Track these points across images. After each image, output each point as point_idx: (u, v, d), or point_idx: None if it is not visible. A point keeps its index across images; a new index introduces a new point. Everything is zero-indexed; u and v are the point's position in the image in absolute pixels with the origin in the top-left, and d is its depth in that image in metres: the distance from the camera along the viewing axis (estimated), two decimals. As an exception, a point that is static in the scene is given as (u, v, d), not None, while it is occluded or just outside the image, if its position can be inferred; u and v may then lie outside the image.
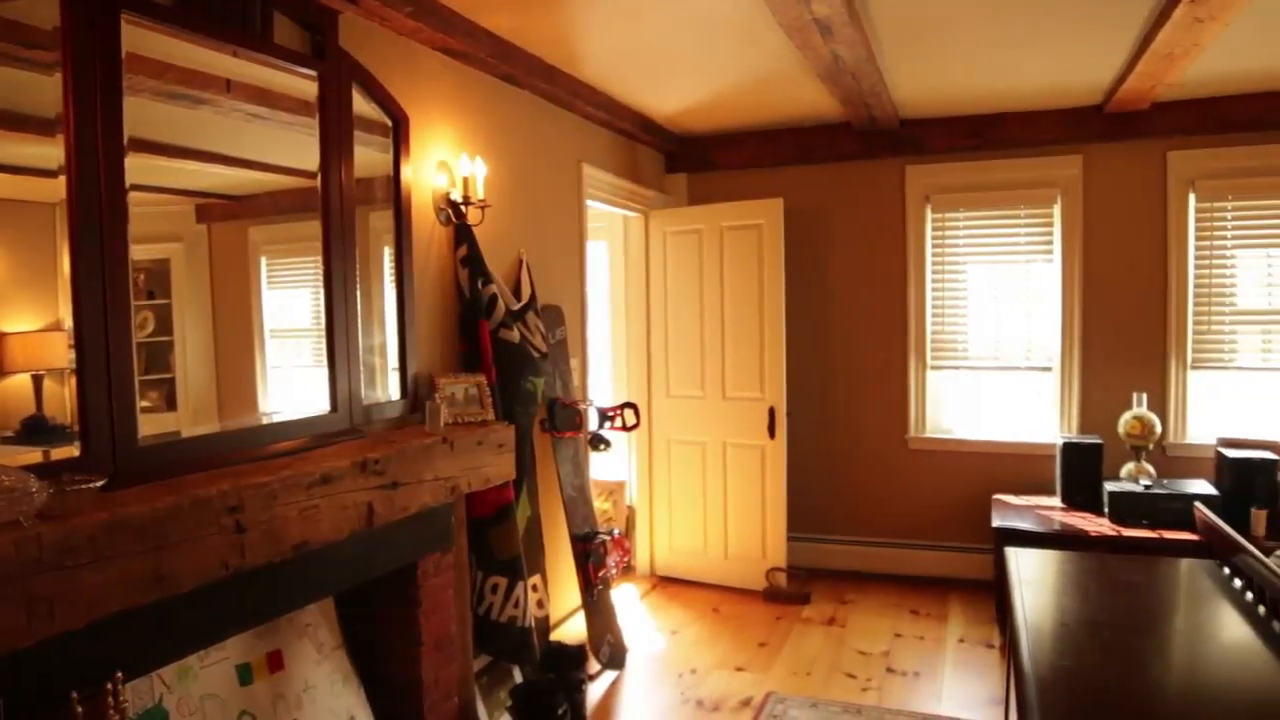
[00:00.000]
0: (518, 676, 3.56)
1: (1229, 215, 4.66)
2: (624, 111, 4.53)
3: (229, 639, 2.35)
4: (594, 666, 3.90)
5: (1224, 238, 4.68)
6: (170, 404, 2.29)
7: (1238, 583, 2.49)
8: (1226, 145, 4.59)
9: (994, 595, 4.56)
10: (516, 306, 3.62)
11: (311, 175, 2.62)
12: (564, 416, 3.96)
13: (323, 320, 2.67)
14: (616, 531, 4.19)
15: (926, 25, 3.37)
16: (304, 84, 2.59)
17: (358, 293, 2.77)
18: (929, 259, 5.13)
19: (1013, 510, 4.57)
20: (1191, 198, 4.68)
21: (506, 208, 3.73)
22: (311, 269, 2.66)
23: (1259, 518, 4.12)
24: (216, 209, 2.43)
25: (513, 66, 3.50)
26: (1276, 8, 3.21)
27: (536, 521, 3.69)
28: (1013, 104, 4.67)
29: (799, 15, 2.97)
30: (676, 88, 4.27)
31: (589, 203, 4.50)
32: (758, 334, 4.88)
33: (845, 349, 5.30)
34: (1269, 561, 2.37)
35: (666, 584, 5.17)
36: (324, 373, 2.68)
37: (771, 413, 4.85)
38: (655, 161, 5.36)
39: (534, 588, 3.59)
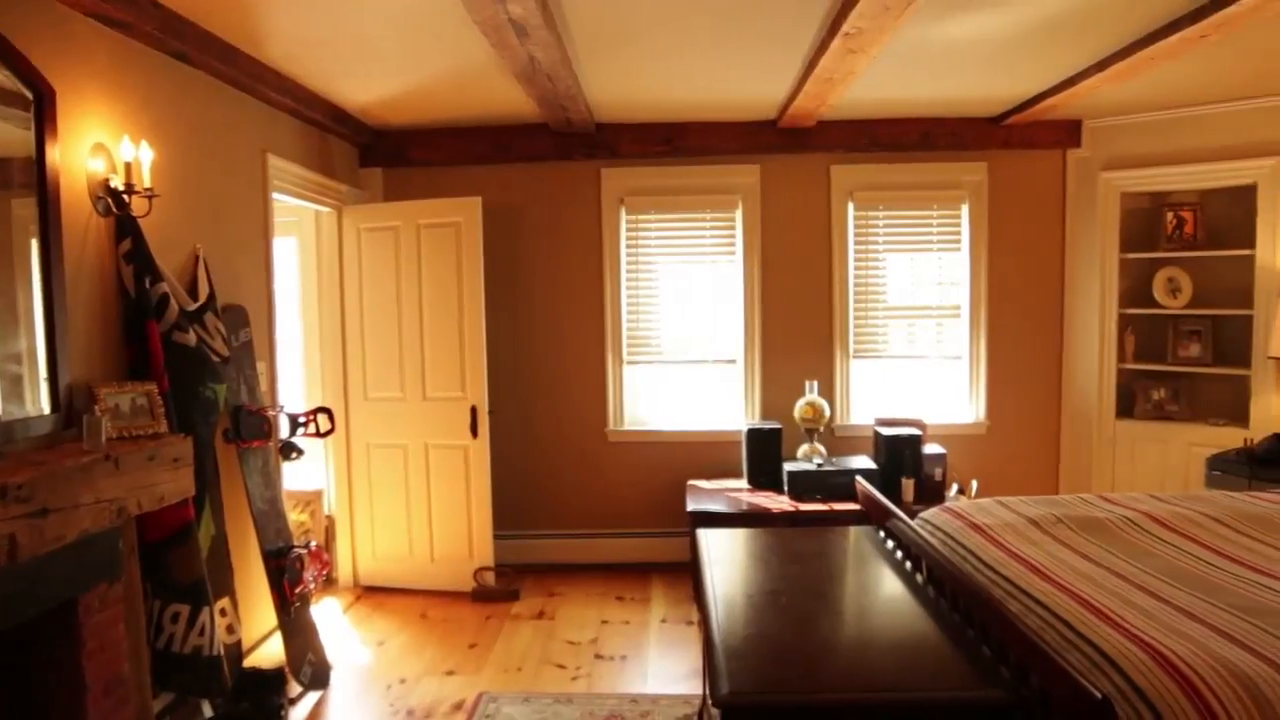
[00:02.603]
0: (207, 711, 3.26)
1: (880, 223, 5.31)
2: (314, 100, 4.29)
3: None
4: (295, 689, 3.66)
5: (876, 243, 5.32)
6: None
7: (890, 544, 2.84)
8: (876, 162, 5.24)
9: (692, 575, 4.86)
10: (193, 307, 3.31)
11: (-74, 153, 2.23)
12: (250, 425, 3.68)
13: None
14: (314, 544, 3.96)
15: (617, 34, 3.50)
16: (-87, 45, 2.19)
17: (-8, 292, 2.39)
18: (623, 258, 5.36)
19: (705, 494, 4.90)
20: (850, 206, 5.28)
21: (179, 198, 3.39)
22: (-71, 264, 2.25)
23: (908, 486, 4.74)
24: None
25: (184, 43, 3.19)
26: (906, 52, 3.72)
27: (223, 540, 3.40)
28: (699, 114, 4.99)
29: (494, 14, 2.97)
30: (371, 79, 4.11)
31: (276, 196, 4.21)
32: (458, 333, 4.83)
33: (546, 346, 5.39)
34: (913, 524, 2.73)
35: (372, 594, 4.98)
36: (-51, 385, 2.28)
37: (474, 412, 4.82)
38: (349, 155, 5.13)
39: (222, 612, 3.31)
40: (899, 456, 4.80)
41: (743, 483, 5.08)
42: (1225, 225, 4.92)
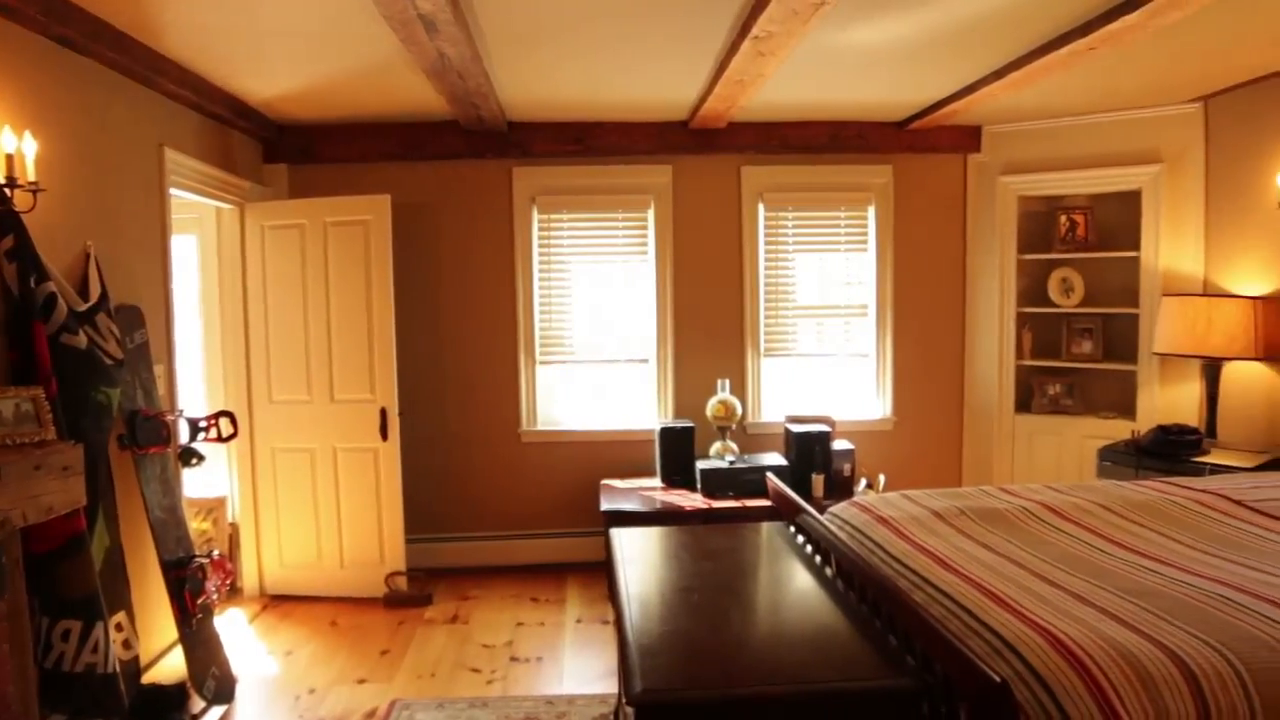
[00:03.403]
0: (100, 729, 3.12)
1: (790, 223, 5.41)
2: (215, 93, 4.14)
3: None
4: (198, 704, 3.53)
5: (786, 243, 5.42)
6: None
7: (801, 539, 2.89)
8: (786, 163, 5.33)
9: (606, 574, 4.86)
10: (83, 307, 3.16)
11: None
12: (147, 430, 3.54)
13: None
14: (217, 552, 3.83)
15: (529, 32, 3.48)
16: None
17: None
18: (536, 258, 5.33)
19: (619, 493, 4.91)
20: (761, 207, 5.36)
21: (69, 193, 3.23)
22: None
23: (818, 481, 4.84)
24: None
25: (70, 28, 3.03)
26: (814, 56, 3.80)
27: (118, 551, 3.26)
28: (612, 114, 4.99)
29: (403, 9, 2.92)
30: (275, 72, 3.99)
31: (174, 192, 4.05)
32: (366, 333, 4.73)
33: (457, 347, 5.32)
34: (822, 519, 2.78)
35: (279, 602, 4.83)
36: None
37: (383, 414, 4.73)
38: (252, 150, 4.97)
39: (118, 627, 3.17)
40: (809, 453, 4.89)
41: (656, 481, 5.11)
42: (1114, 228, 5.16)
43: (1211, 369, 4.45)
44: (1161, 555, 2.53)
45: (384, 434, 4.75)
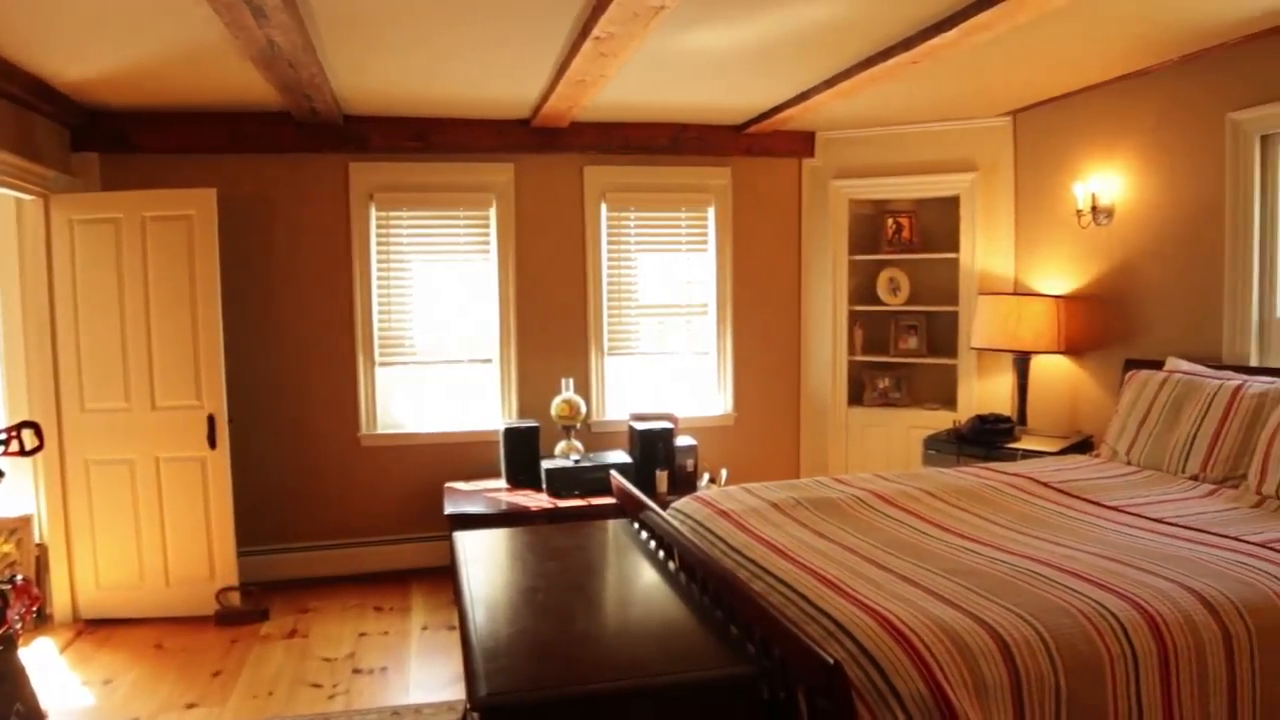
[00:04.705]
0: (-120, 778, 2.81)
1: (632, 223, 5.47)
2: (13, 72, 3.78)
3: None
4: (-3, 742, 3.24)
5: (629, 243, 5.48)
6: None
7: (645, 535, 2.93)
8: (628, 164, 5.39)
9: (452, 579, 4.78)
10: None
11: None
12: (-63, 444, 3.21)
13: None
14: (20, 577, 3.50)
15: (366, 22, 3.36)
16: None
17: None
18: (374, 257, 5.17)
19: (464, 496, 4.83)
20: (603, 207, 5.40)
21: None
22: None
23: (662, 477, 4.92)
24: None
25: None
26: (656, 59, 3.85)
27: (-99, 578, 2.94)
28: (453, 111, 4.90)
29: (226, -9, 2.77)
30: (84, 52, 3.68)
31: (-37, 182, 3.70)
32: (191, 336, 4.46)
33: (291, 348, 5.10)
34: (665, 514, 2.83)
35: (96, 628, 4.48)
36: None
37: (211, 421, 4.47)
38: (58, 137, 4.58)
39: (-99, 662, 2.86)
40: (653, 449, 4.97)
41: (501, 482, 5.06)
42: (936, 231, 5.50)
43: (1021, 362, 4.81)
44: (979, 536, 2.71)
45: (212, 442, 4.49)
